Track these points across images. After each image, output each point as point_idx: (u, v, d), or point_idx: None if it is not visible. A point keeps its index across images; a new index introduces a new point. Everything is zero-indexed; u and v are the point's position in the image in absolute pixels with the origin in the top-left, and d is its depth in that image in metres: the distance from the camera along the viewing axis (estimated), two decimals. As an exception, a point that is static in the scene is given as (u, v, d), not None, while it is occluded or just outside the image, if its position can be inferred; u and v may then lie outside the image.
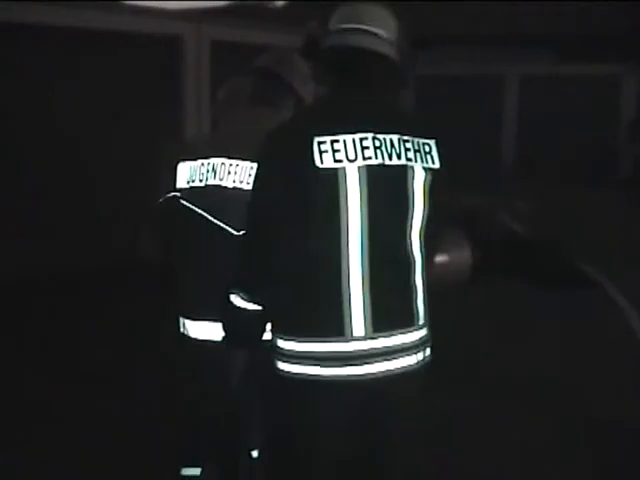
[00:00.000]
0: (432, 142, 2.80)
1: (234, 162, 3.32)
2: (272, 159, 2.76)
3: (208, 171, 3.36)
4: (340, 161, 2.65)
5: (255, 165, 2.86)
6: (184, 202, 3.41)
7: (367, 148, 2.68)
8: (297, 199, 2.67)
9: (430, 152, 2.78)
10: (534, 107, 20.67)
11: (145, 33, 10.83)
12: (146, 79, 10.99)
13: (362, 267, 2.67)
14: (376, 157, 2.69)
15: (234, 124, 3.55)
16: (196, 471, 3.71)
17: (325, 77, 2.91)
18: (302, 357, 2.72)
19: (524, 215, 10.32)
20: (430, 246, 2.88)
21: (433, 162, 2.78)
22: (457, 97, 20.09)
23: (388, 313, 2.72)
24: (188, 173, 3.41)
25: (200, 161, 3.39)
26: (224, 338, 3.00)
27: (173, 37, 11.33)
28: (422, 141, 2.78)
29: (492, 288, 7.51)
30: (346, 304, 2.67)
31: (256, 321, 2.88)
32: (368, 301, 2.68)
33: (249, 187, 3.01)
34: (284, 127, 2.82)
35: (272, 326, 2.83)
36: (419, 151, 2.75)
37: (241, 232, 3.05)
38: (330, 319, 2.69)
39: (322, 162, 2.65)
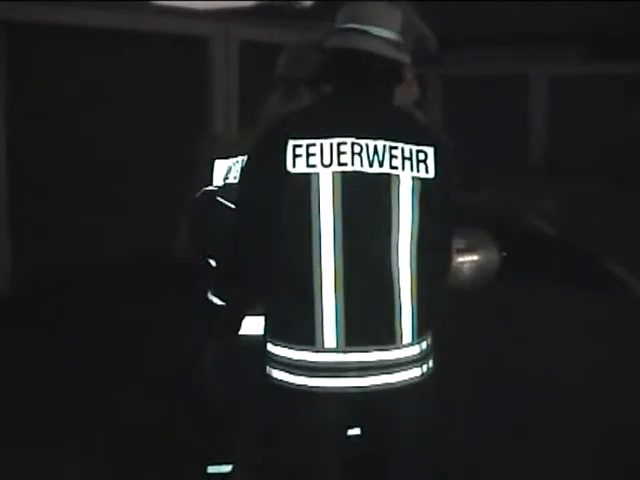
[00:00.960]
0: (429, 150, 2.65)
1: None
2: (252, 159, 2.77)
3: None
4: (314, 166, 2.58)
5: None
6: (219, 198, 3.45)
7: (344, 153, 2.59)
8: (270, 202, 2.63)
9: (425, 160, 2.63)
10: (562, 106, 20.59)
11: (173, 33, 10.88)
12: (174, 79, 11.04)
13: (335, 278, 2.58)
14: (352, 163, 2.59)
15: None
16: (225, 469, 3.74)
17: (324, 79, 2.85)
18: (277, 362, 2.69)
19: (551, 215, 10.30)
20: (439, 258, 2.80)
21: (427, 171, 2.62)
22: (484, 97, 20.05)
23: (364, 328, 2.60)
24: (224, 170, 3.46)
25: (236, 159, 3.43)
26: (202, 331, 3.07)
27: (201, 37, 11.37)
28: (416, 148, 2.63)
29: (517, 287, 7.46)
30: (318, 314, 2.59)
31: (226, 317, 2.90)
32: (342, 314, 2.58)
33: None
34: (269, 128, 2.77)
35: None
36: (410, 159, 2.62)
37: None
38: (302, 327, 2.62)
39: (294, 166, 2.59)
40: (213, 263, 3.18)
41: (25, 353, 7.10)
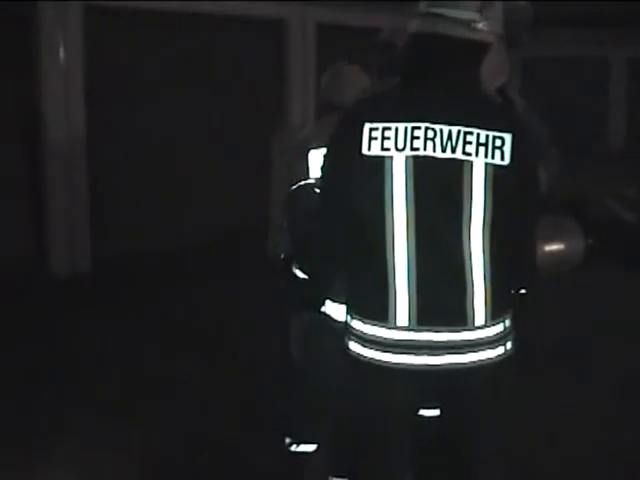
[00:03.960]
0: (507, 136, 2.63)
1: None
2: (332, 141, 2.82)
3: None
4: (388, 149, 2.62)
5: None
6: (318, 190, 3.46)
7: (417, 138, 2.62)
8: (346, 183, 2.69)
9: (501, 147, 2.62)
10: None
11: (251, 16, 10.91)
12: (252, 63, 11.08)
13: (408, 258, 2.63)
14: (425, 148, 2.61)
15: None
16: (309, 448, 3.77)
17: (404, 64, 2.84)
18: (353, 334, 2.77)
19: (633, 200, 10.11)
20: (521, 244, 2.81)
21: (502, 158, 2.61)
22: (563, 79, 19.71)
23: (435, 308, 2.66)
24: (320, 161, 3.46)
25: None
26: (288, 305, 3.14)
27: (278, 20, 11.39)
28: (493, 134, 2.62)
29: (599, 272, 7.36)
30: (391, 292, 2.65)
31: (308, 290, 3.00)
32: (414, 293, 2.64)
33: None
34: (348, 111, 2.83)
35: None
36: (485, 145, 2.61)
37: None
38: (376, 304, 2.69)
39: (369, 149, 2.64)
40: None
41: (105, 332, 7.24)
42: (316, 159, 3.52)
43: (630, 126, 20.70)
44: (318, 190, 3.36)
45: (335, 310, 3.38)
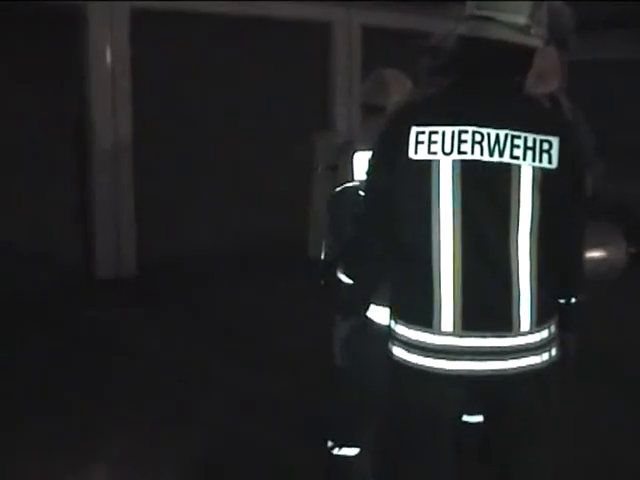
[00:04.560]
0: (555, 139, 2.61)
1: None
2: (378, 145, 2.80)
3: None
4: (435, 153, 2.61)
5: None
6: (362, 193, 3.45)
7: (464, 142, 2.60)
8: (392, 186, 2.68)
9: (549, 150, 2.60)
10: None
11: (296, 19, 10.92)
12: (297, 65, 11.09)
13: (454, 263, 2.61)
14: (472, 152, 2.60)
15: None
16: (352, 452, 3.76)
17: (453, 67, 2.82)
18: (396, 339, 2.75)
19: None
20: (568, 249, 2.80)
21: (550, 161, 2.59)
22: (613, 82, 19.48)
23: (481, 314, 2.63)
24: (365, 163, 3.46)
25: None
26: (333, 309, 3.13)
27: (323, 23, 11.38)
28: (541, 138, 2.60)
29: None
30: (436, 297, 2.63)
31: (353, 295, 3.00)
32: (459, 299, 2.61)
33: None
34: (394, 114, 2.81)
35: None
36: (533, 149, 2.59)
37: None
38: (420, 309, 2.67)
39: (416, 153, 2.62)
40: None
41: (148, 333, 7.32)
42: (361, 161, 3.51)
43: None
44: (362, 193, 3.36)
45: (379, 314, 3.37)
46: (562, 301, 2.88)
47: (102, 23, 9.04)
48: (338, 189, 3.60)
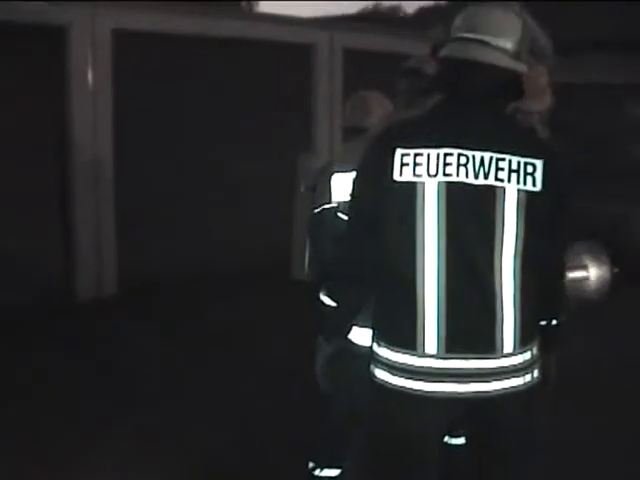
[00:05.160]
0: (539, 162, 2.62)
1: None
2: (362, 167, 2.81)
3: None
4: (420, 175, 2.61)
5: None
6: (340, 214, 3.44)
7: (449, 164, 2.60)
8: (377, 208, 2.68)
9: (533, 173, 2.61)
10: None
11: (278, 41, 10.96)
12: (279, 87, 11.11)
13: (438, 285, 2.60)
14: (457, 174, 2.60)
15: None
16: (333, 473, 3.74)
17: (436, 88, 2.84)
18: (379, 361, 2.74)
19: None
20: (550, 271, 2.80)
21: (534, 184, 2.61)
22: (599, 105, 19.61)
23: (464, 336, 2.63)
24: (344, 185, 3.45)
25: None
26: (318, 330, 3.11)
27: (306, 45, 11.42)
28: (525, 160, 2.61)
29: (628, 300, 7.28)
30: (420, 319, 2.62)
31: (336, 317, 2.96)
32: (443, 321, 2.61)
33: None
34: (379, 136, 2.81)
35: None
36: (517, 171, 2.60)
37: None
38: (404, 331, 2.67)
39: (401, 175, 2.62)
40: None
41: (131, 351, 7.26)
42: (339, 183, 3.51)
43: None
44: (341, 214, 3.35)
45: (360, 336, 3.36)
46: (543, 323, 2.88)
47: (83, 41, 9.02)
48: (316, 211, 3.59)
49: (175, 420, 5.70)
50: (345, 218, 3.31)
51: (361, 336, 3.33)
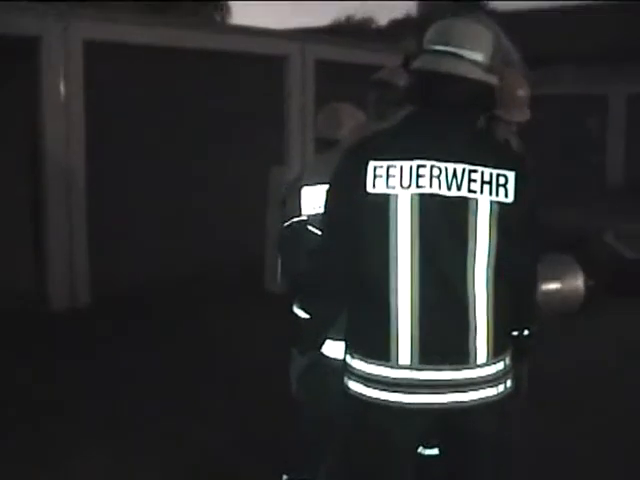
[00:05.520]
0: (510, 174, 2.63)
1: None
2: (335, 180, 2.81)
3: None
4: (393, 187, 2.62)
5: None
6: (311, 227, 3.44)
7: (422, 176, 2.61)
8: (350, 220, 2.68)
9: (505, 184, 2.62)
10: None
11: (251, 53, 10.97)
12: (252, 98, 11.12)
13: (412, 297, 2.62)
14: (430, 186, 2.61)
15: None
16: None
17: (409, 99, 2.85)
18: (353, 373, 2.74)
19: (633, 236, 10.09)
20: (523, 282, 2.81)
21: (506, 195, 2.62)
22: (563, 116, 19.81)
23: (438, 347, 2.64)
24: (313, 198, 3.45)
25: (324, 186, 3.41)
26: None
27: (278, 57, 11.44)
28: (497, 172, 2.62)
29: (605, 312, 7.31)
30: (393, 331, 2.63)
31: (309, 330, 2.96)
32: (417, 332, 2.62)
33: None
34: (351, 148, 2.81)
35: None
36: (489, 183, 2.61)
37: None
38: (378, 343, 2.67)
39: (374, 187, 2.63)
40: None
41: (101, 363, 7.20)
42: (309, 197, 3.50)
43: (628, 162, 20.77)
44: (311, 228, 3.35)
45: (333, 348, 3.35)
46: (515, 333, 2.90)
47: (56, 53, 8.99)
48: (286, 224, 3.58)
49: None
50: (316, 231, 3.33)
51: (335, 349, 3.33)
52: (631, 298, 8.70)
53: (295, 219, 3.53)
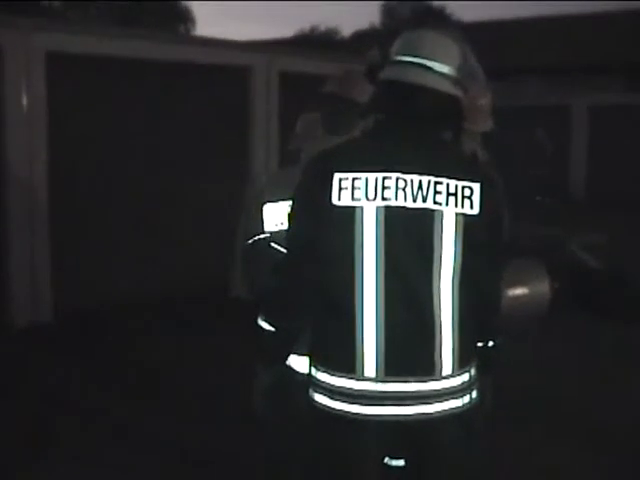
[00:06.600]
0: (476, 186, 2.64)
1: None
2: (299, 193, 2.79)
3: None
4: (358, 199, 2.61)
5: None
6: (274, 245, 3.42)
7: (388, 188, 2.61)
8: (315, 233, 2.68)
9: (470, 196, 2.63)
10: (603, 137, 20.47)
11: (215, 64, 10.95)
12: (216, 109, 11.09)
13: (377, 309, 2.61)
14: (396, 198, 2.61)
15: None
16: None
17: (375, 110, 2.84)
18: (318, 386, 2.74)
19: (597, 246, 10.20)
20: (487, 292, 2.80)
21: (472, 207, 2.63)
22: (525, 128, 19.97)
23: (403, 359, 2.64)
24: (276, 215, 3.43)
25: (287, 202, 3.39)
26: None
27: (242, 68, 11.43)
28: (462, 184, 2.63)
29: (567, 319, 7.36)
30: (359, 343, 2.63)
31: (274, 343, 2.95)
32: (382, 344, 2.62)
33: None
34: (316, 160, 2.80)
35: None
36: (455, 195, 2.61)
37: None
38: (343, 355, 2.67)
39: (339, 199, 2.62)
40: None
41: (64, 380, 7.13)
42: (271, 213, 3.47)
43: (591, 172, 21.00)
44: (274, 244, 3.34)
45: (298, 362, 3.34)
46: (480, 344, 2.89)
47: (18, 64, 8.91)
48: (249, 242, 3.55)
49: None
50: (279, 248, 3.31)
51: (300, 363, 3.31)
52: (594, 312, 8.83)
53: (258, 237, 3.50)
